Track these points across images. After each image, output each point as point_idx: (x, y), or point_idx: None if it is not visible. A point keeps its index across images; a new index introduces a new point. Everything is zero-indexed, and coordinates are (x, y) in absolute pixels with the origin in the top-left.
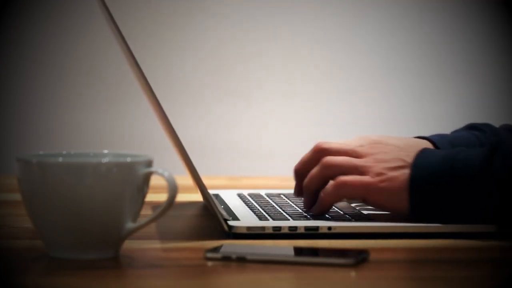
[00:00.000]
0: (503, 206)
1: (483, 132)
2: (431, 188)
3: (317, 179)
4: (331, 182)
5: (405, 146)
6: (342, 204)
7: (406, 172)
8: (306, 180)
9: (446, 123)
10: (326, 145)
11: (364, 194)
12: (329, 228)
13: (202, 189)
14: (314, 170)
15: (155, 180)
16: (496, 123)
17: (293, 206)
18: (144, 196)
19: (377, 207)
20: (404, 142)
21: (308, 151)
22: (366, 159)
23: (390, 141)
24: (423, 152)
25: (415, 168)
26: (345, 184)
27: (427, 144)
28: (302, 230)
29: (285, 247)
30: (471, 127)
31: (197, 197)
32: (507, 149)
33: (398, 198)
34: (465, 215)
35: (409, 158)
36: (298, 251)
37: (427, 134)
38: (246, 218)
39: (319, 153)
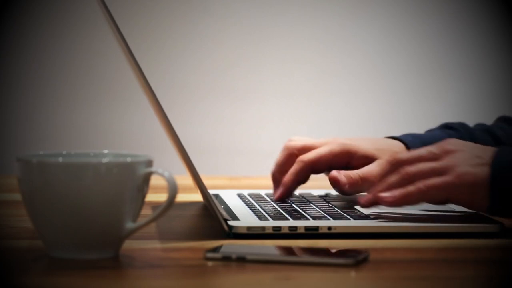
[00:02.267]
0: None
1: (457, 131)
2: (511, 186)
3: (397, 188)
4: (416, 185)
5: (472, 144)
6: (342, 203)
7: (486, 169)
8: (383, 185)
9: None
10: (401, 157)
11: (447, 194)
12: (329, 228)
13: (202, 189)
14: (394, 179)
15: (155, 180)
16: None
17: (293, 206)
18: (144, 196)
19: (461, 205)
20: (375, 143)
21: (382, 165)
22: (444, 159)
23: (361, 143)
24: (501, 150)
25: (495, 166)
26: (429, 188)
27: (399, 145)
28: (302, 230)
29: (285, 247)
30: (445, 126)
31: (197, 197)
32: None
33: (479, 195)
34: None
35: (487, 155)
36: (298, 251)
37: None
38: (246, 218)
39: (396, 165)
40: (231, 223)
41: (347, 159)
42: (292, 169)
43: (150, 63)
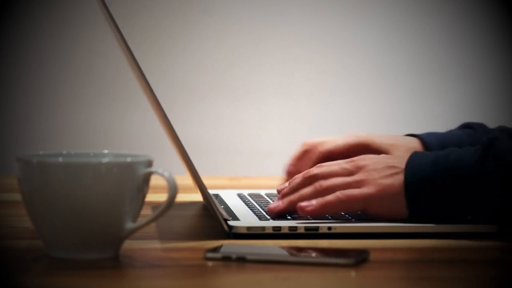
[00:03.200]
0: (501, 205)
1: (475, 131)
2: (427, 192)
3: (309, 199)
4: (335, 194)
5: (397, 153)
6: None
7: (400, 178)
8: (296, 196)
9: (446, 122)
10: (315, 171)
11: (365, 205)
12: (329, 228)
13: (202, 189)
14: (307, 191)
15: (155, 180)
16: (496, 122)
17: None
18: (144, 196)
19: (378, 217)
20: (391, 139)
21: (296, 178)
22: (358, 174)
23: (377, 137)
24: (414, 157)
25: (408, 173)
26: (348, 199)
27: (416, 142)
28: (302, 230)
29: (285, 247)
30: (465, 126)
31: (197, 197)
32: (499, 148)
33: (397, 205)
34: (463, 215)
35: (401, 163)
36: (298, 251)
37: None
38: (246, 218)
39: (310, 179)
40: (231, 223)
41: (362, 150)
42: (310, 162)
43: (150, 63)
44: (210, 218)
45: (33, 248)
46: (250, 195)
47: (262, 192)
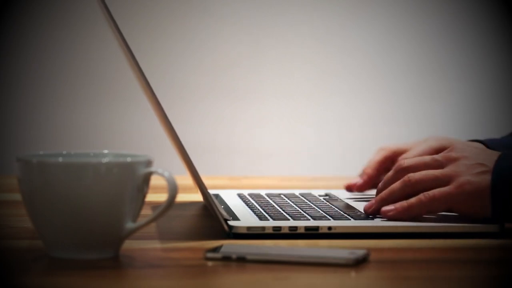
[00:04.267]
0: None
1: None
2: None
3: (399, 195)
4: (418, 197)
5: (477, 149)
6: (342, 203)
7: (487, 178)
8: (386, 192)
9: (446, 122)
10: (407, 163)
11: (448, 205)
12: (329, 228)
13: (202, 189)
14: (397, 186)
15: (155, 180)
16: (496, 122)
17: (293, 206)
18: (144, 196)
19: (462, 215)
20: (467, 144)
21: (389, 172)
22: (448, 167)
23: (453, 141)
24: (503, 157)
25: (496, 174)
26: (431, 199)
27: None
28: (302, 230)
29: (285, 247)
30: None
31: (197, 197)
32: None
33: (481, 204)
34: None
35: (490, 162)
36: (298, 251)
37: (429, 133)
38: (246, 218)
39: (401, 172)
40: (231, 223)
41: None
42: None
43: (150, 63)
44: (210, 218)
45: (33, 248)
46: (250, 195)
47: (262, 192)
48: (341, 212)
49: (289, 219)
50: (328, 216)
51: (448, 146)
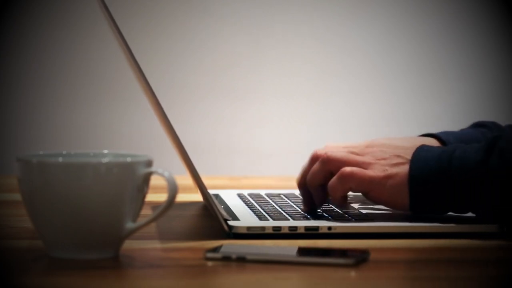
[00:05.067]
0: (502, 203)
1: (489, 129)
2: (430, 184)
3: (319, 174)
4: (336, 175)
5: (407, 145)
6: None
7: (405, 168)
8: (308, 176)
9: (446, 122)
10: (320, 152)
11: (368, 187)
12: (329, 228)
13: (202, 189)
14: (315, 166)
15: (155, 180)
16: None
17: (293, 206)
18: (144, 196)
19: (378, 202)
20: (410, 142)
21: (305, 162)
22: (366, 156)
23: (395, 142)
24: (420, 149)
25: (413, 165)
26: (351, 175)
27: (433, 142)
28: (302, 230)
29: (285, 247)
30: (478, 124)
31: (197, 197)
32: (504, 145)
33: (399, 194)
34: (464, 211)
35: (407, 155)
36: (298, 251)
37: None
38: (246, 218)
39: (316, 159)
40: (231, 223)
41: None
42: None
43: (150, 63)
44: (210, 218)
45: (33, 248)
46: (250, 195)
47: (262, 192)
48: (341, 212)
49: (289, 219)
50: (328, 216)
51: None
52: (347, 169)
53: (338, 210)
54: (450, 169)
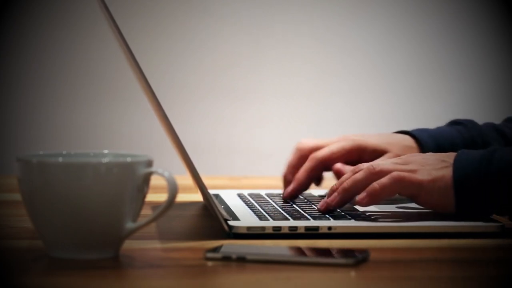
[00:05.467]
0: None
1: (465, 127)
2: (474, 187)
3: (362, 184)
4: (390, 175)
5: (391, 146)
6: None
7: (450, 171)
8: (348, 183)
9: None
10: (365, 164)
11: (417, 191)
12: (329, 228)
13: (202, 189)
14: (359, 176)
15: (155, 180)
16: (495, 121)
17: (293, 206)
18: (144, 196)
19: (426, 206)
20: (385, 138)
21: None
22: (410, 165)
23: (371, 138)
24: (462, 153)
25: (456, 167)
26: (402, 179)
27: (409, 139)
28: (302, 230)
29: (285, 247)
30: (454, 122)
31: (197, 197)
32: None
33: (446, 198)
34: (507, 212)
35: (450, 158)
36: (298, 251)
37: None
38: (246, 218)
39: (358, 170)
40: (231, 223)
41: (359, 154)
42: (304, 166)
43: (150, 63)
44: (210, 218)
45: (33, 248)
46: (250, 195)
47: (262, 192)
48: (341, 212)
49: (289, 219)
50: (328, 216)
51: (362, 147)
52: (397, 173)
53: (337, 210)
54: (490, 170)
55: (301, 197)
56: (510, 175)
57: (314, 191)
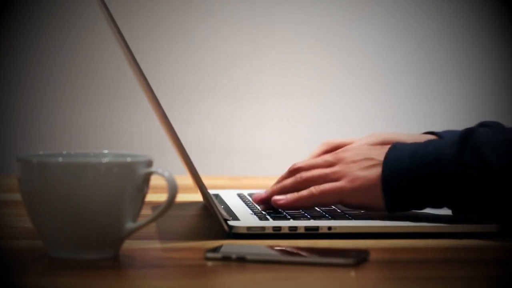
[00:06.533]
0: (478, 197)
1: (491, 128)
2: (403, 184)
3: (289, 190)
4: (309, 189)
5: (371, 146)
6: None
7: (378, 170)
8: (278, 186)
9: (446, 122)
10: (299, 164)
11: (339, 198)
12: (329, 228)
13: (202, 189)
14: (288, 181)
15: (155, 180)
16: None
17: None
18: (144, 196)
19: (354, 208)
20: (413, 137)
21: (283, 173)
22: (337, 166)
23: (400, 135)
24: (393, 149)
25: (386, 166)
26: (321, 192)
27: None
28: (302, 230)
29: (285, 247)
30: (481, 125)
31: (197, 197)
32: (477, 140)
33: (373, 197)
34: (440, 206)
35: (381, 156)
36: (298, 251)
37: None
38: (246, 218)
39: (294, 172)
40: (231, 223)
41: None
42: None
43: (150, 63)
44: (210, 218)
45: (33, 248)
46: (250, 195)
47: (262, 192)
48: (341, 212)
49: (289, 219)
50: (328, 216)
51: (389, 142)
52: (317, 187)
53: (338, 210)
54: (422, 166)
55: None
56: (442, 169)
57: None
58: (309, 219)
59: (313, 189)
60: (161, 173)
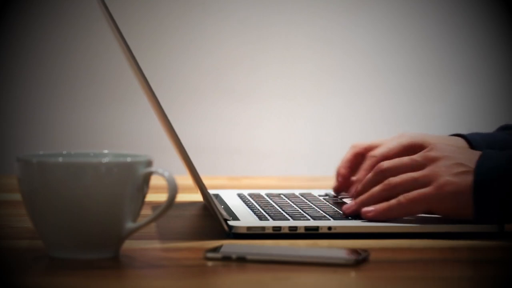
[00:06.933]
0: None
1: None
2: (495, 193)
3: (378, 198)
4: (398, 199)
5: (458, 149)
6: (342, 203)
7: (469, 178)
8: (366, 196)
9: (447, 122)
10: (385, 165)
11: (427, 206)
12: (329, 228)
13: (202, 189)
14: (376, 189)
15: (155, 180)
16: (496, 123)
17: (293, 206)
18: (144, 196)
19: (443, 216)
20: (441, 138)
21: (369, 173)
22: (426, 169)
23: (428, 137)
24: (484, 156)
25: (479, 174)
26: (410, 201)
27: (463, 142)
28: (302, 230)
29: (285, 247)
30: (504, 127)
31: (197, 197)
32: None
33: (462, 205)
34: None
35: (471, 162)
36: (298, 251)
37: (429, 133)
38: (246, 218)
39: (380, 174)
40: (231, 223)
41: (415, 151)
42: (364, 165)
43: (150, 63)
44: (210, 218)
45: (33, 248)
46: (250, 195)
47: (262, 192)
48: (341, 212)
49: (289, 219)
50: (328, 216)
51: (419, 143)
52: (406, 196)
53: (338, 210)
54: None
55: (301, 197)
56: None
57: (314, 191)
58: (309, 219)
59: (402, 198)
60: (161, 173)
